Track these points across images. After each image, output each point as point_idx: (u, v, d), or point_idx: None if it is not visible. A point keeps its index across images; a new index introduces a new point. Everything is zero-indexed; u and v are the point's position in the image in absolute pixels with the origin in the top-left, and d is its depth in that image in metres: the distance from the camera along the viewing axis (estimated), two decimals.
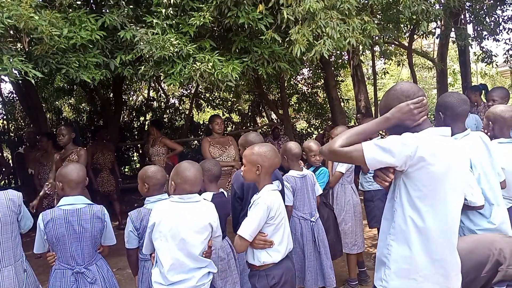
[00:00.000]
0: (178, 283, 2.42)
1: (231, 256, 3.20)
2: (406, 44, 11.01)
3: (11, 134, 11.08)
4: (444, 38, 10.33)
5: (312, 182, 3.71)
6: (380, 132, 5.77)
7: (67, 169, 2.85)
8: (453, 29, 8.91)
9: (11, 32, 3.89)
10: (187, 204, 2.50)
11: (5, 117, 11.75)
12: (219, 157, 5.30)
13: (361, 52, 7.89)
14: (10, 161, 9.49)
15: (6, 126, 11.55)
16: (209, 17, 4.35)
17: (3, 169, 7.61)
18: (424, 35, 8.63)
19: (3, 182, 8.30)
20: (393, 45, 11.43)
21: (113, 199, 6.94)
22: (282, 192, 3.08)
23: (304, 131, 13.04)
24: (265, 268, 2.55)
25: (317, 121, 12.77)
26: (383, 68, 13.38)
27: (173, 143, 6.69)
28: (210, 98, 13.22)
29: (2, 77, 3.54)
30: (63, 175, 2.82)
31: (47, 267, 2.93)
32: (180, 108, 13.47)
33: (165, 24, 4.43)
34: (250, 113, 13.30)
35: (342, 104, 10.01)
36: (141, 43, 4.26)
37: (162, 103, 13.56)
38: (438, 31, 10.34)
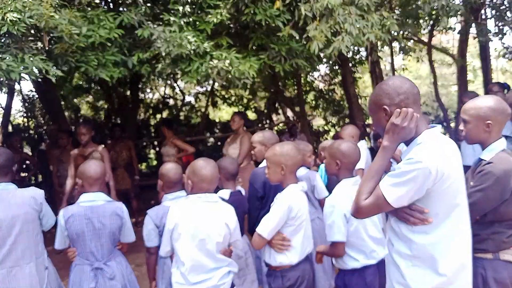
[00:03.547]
0: (199, 283, 2.42)
1: (248, 254, 3.19)
2: (425, 40, 10.83)
3: (31, 131, 11.28)
4: (464, 33, 10.13)
5: (310, 184, 3.63)
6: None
7: (85, 166, 2.89)
8: (473, 25, 8.73)
9: (32, 31, 3.94)
10: (205, 204, 2.50)
11: (25, 114, 11.97)
12: (233, 154, 5.27)
13: (380, 48, 7.79)
14: None
15: (26, 124, 11.76)
16: (226, 14, 4.35)
17: (31, 166, 7.73)
18: (444, 30, 8.47)
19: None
20: (412, 41, 11.26)
21: (130, 197, 6.99)
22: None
23: (321, 129, 12.95)
24: (281, 269, 2.54)
25: (334, 118, 12.67)
26: (402, 65, 13.19)
27: (184, 143, 6.60)
28: (226, 95, 13.24)
29: (23, 75, 3.57)
30: (82, 172, 2.85)
31: (67, 263, 2.96)
32: (196, 105, 13.52)
33: (182, 22, 4.44)
34: (266, 111, 13.27)
35: (360, 101, 9.91)
36: (158, 41, 4.28)
37: (178, 100, 13.62)
38: (458, 26, 10.15)
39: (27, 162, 8.04)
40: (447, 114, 11.27)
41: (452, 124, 11.08)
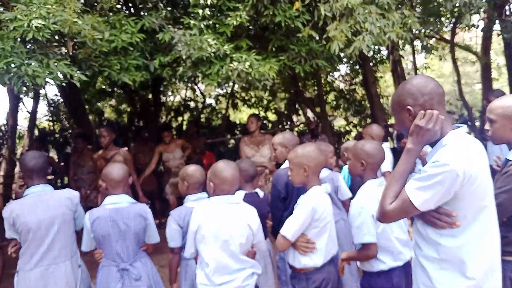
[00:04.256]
0: (223, 284, 2.43)
1: (268, 260, 3.19)
2: (448, 38, 10.63)
3: (56, 135, 11.53)
4: (488, 31, 9.90)
5: (333, 185, 3.61)
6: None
7: (108, 169, 2.94)
8: (497, 21, 8.52)
9: (56, 37, 4.04)
10: (228, 206, 2.52)
11: (51, 118, 12.26)
12: (251, 157, 5.27)
13: (401, 47, 7.68)
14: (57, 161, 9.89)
15: (52, 128, 12.04)
16: (246, 17, 4.36)
17: (57, 169, 7.89)
18: (467, 28, 8.29)
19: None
20: (434, 39, 11.08)
21: (154, 198, 7.07)
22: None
23: (342, 129, 12.84)
24: (306, 271, 2.53)
25: (355, 118, 12.56)
26: (425, 63, 12.99)
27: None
28: (246, 97, 13.27)
29: (48, 80, 3.66)
30: (105, 175, 2.90)
31: (93, 264, 3.02)
32: (217, 107, 13.59)
33: (202, 25, 4.47)
34: (286, 112, 13.24)
35: (381, 100, 9.79)
36: (179, 45, 4.33)
37: (199, 103, 13.72)
38: (481, 23, 9.93)
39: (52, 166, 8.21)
40: (471, 113, 11.03)
41: (477, 123, 10.84)
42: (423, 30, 7.38)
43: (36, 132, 11.19)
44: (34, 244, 2.77)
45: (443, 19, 8.07)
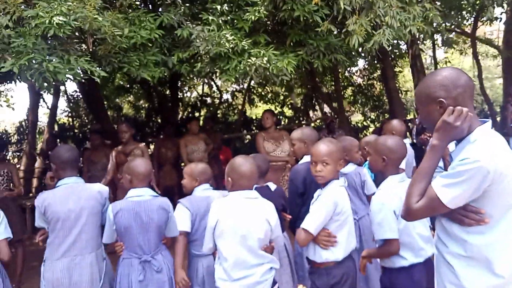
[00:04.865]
0: (241, 279, 2.44)
1: (284, 254, 3.19)
2: (468, 32, 10.43)
3: (76, 130, 11.71)
4: (510, 23, 9.69)
5: (360, 180, 3.59)
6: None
7: (136, 163, 2.97)
8: None
9: (77, 33, 4.08)
10: (246, 201, 2.52)
11: (70, 114, 12.45)
12: (273, 152, 5.27)
13: (421, 41, 7.56)
14: None
15: (71, 123, 12.23)
16: (264, 12, 4.34)
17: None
18: (489, 21, 8.12)
19: None
20: (454, 33, 10.87)
21: (174, 193, 7.11)
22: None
23: (359, 125, 12.74)
24: (326, 266, 2.51)
25: (373, 114, 12.44)
26: (445, 58, 12.77)
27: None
28: (263, 93, 13.25)
29: (68, 76, 3.71)
30: (132, 169, 2.92)
31: (112, 257, 3.08)
32: (233, 103, 13.61)
33: (220, 21, 4.47)
34: (302, 107, 13.18)
35: (400, 95, 9.67)
36: (197, 40, 4.32)
37: (216, 99, 13.76)
38: (504, 16, 9.71)
39: None
40: (492, 107, 10.83)
41: (498, 118, 10.63)
42: (443, 24, 7.25)
43: (55, 127, 11.38)
44: (62, 234, 2.84)
45: (464, 12, 7.92)
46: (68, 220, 2.83)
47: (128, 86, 12.31)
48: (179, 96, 11.84)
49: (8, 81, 6.71)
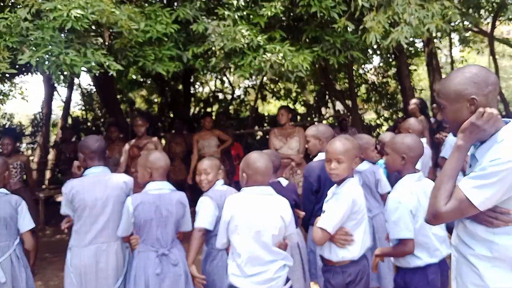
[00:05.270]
0: (255, 275, 2.43)
1: (296, 251, 3.17)
2: (486, 31, 10.26)
3: (89, 123, 11.80)
4: None
5: (374, 179, 3.56)
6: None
7: (156, 156, 2.99)
8: None
9: (93, 27, 4.09)
10: (261, 197, 2.51)
11: (84, 107, 12.56)
12: (279, 149, 5.23)
13: (439, 39, 7.46)
14: None
15: (84, 116, 12.33)
16: (281, 7, 4.31)
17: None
18: (508, 20, 7.98)
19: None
20: (470, 32, 10.72)
21: (184, 188, 7.13)
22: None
23: (372, 123, 12.64)
24: (341, 265, 2.49)
25: (387, 112, 12.32)
26: (461, 56, 12.60)
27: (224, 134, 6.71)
28: (275, 89, 13.20)
29: (83, 68, 3.73)
30: (153, 162, 2.93)
31: None
32: (245, 99, 13.59)
33: (236, 16, 4.44)
34: (315, 104, 13.11)
35: (415, 94, 9.57)
36: (213, 36, 4.31)
37: (228, 94, 13.76)
38: None
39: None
40: (508, 108, 10.67)
41: None
42: (462, 22, 7.15)
43: (69, 120, 11.49)
44: (89, 221, 2.90)
45: (482, 11, 7.80)
46: (95, 208, 2.89)
47: (141, 80, 12.37)
48: (191, 91, 11.86)
49: (25, 73, 6.78)
